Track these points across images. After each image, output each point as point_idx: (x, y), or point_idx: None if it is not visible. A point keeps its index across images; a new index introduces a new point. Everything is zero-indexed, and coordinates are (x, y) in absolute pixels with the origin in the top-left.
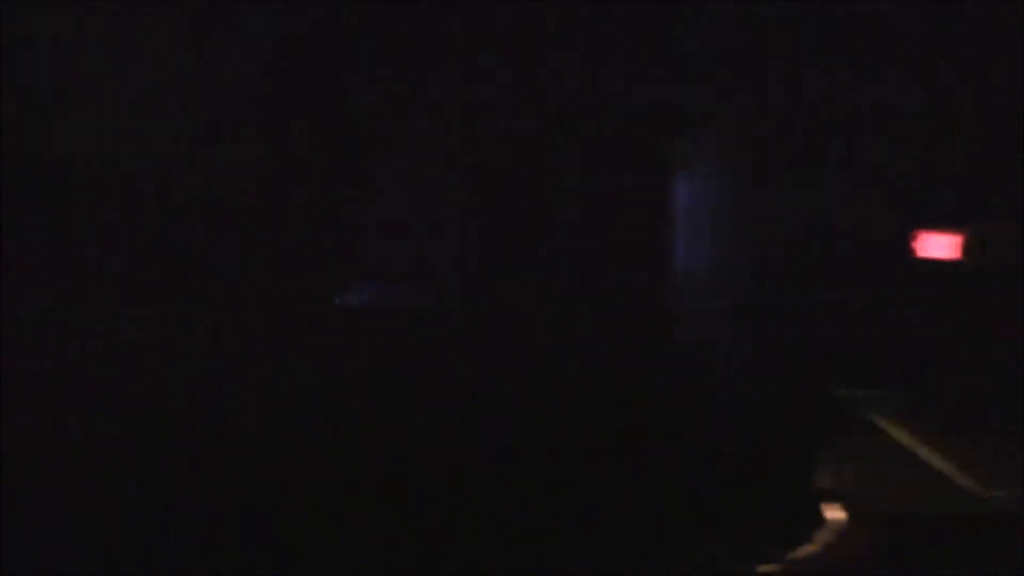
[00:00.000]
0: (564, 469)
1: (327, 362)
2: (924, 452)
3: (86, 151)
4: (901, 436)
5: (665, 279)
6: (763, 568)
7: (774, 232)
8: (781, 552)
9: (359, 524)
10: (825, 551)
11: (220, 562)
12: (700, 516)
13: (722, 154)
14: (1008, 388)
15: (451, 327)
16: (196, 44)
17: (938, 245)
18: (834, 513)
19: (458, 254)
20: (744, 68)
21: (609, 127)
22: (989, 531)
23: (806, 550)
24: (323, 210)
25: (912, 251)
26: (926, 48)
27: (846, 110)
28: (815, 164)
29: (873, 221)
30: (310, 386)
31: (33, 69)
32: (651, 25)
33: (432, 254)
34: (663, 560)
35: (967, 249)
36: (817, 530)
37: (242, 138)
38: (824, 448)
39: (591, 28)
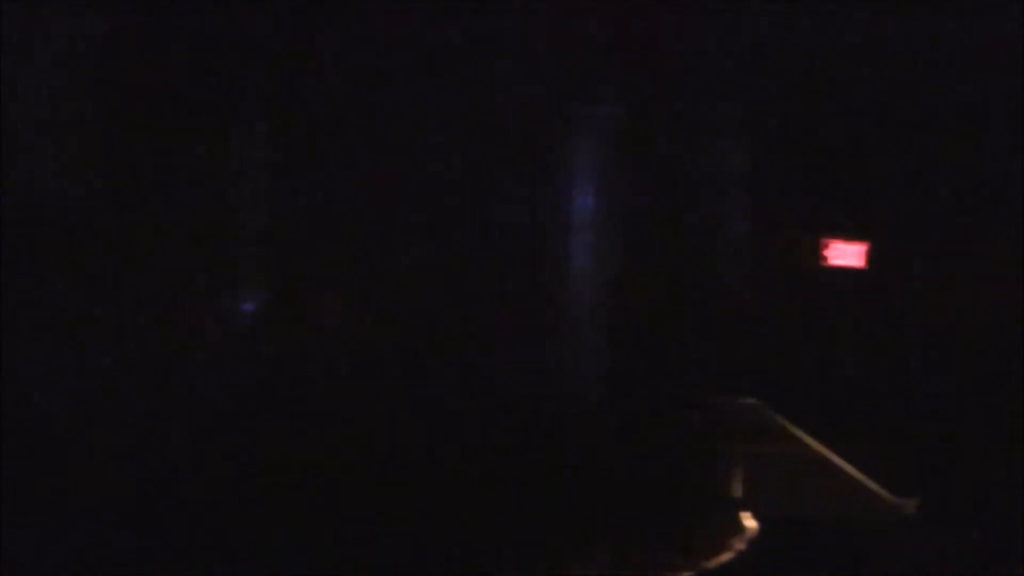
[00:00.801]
0: (474, 481)
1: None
2: (834, 458)
3: None
4: (812, 443)
5: (551, 289)
6: None
7: (664, 242)
8: (698, 561)
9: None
10: (740, 558)
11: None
12: (620, 528)
13: (614, 158)
14: (914, 398)
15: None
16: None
17: (846, 253)
18: (748, 520)
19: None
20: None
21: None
22: (894, 535)
23: (722, 557)
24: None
25: (822, 259)
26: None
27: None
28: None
29: (760, 231)
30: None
31: None
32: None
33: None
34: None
35: (871, 258)
36: (732, 537)
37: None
38: (736, 456)
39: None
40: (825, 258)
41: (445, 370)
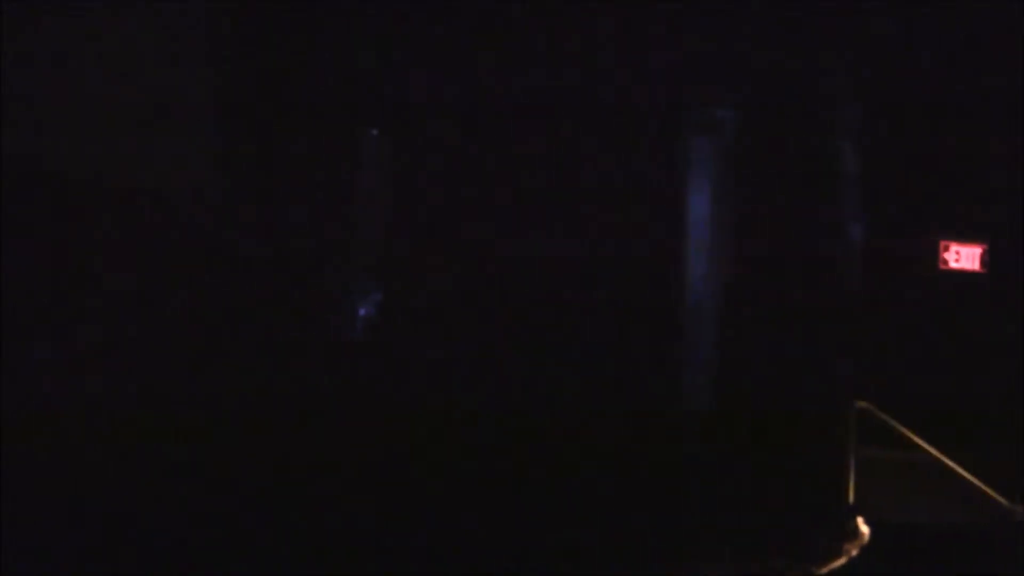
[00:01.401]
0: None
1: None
2: (947, 463)
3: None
4: (925, 447)
5: (675, 289)
6: None
7: (789, 244)
8: (809, 565)
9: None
10: (852, 563)
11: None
12: (732, 531)
13: (730, 162)
14: None
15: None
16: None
17: (963, 256)
18: (860, 525)
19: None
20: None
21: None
22: (1007, 541)
23: (834, 563)
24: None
25: (941, 262)
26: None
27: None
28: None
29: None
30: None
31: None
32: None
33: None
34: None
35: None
36: (844, 542)
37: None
38: (847, 461)
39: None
40: (945, 261)
41: (570, 371)
